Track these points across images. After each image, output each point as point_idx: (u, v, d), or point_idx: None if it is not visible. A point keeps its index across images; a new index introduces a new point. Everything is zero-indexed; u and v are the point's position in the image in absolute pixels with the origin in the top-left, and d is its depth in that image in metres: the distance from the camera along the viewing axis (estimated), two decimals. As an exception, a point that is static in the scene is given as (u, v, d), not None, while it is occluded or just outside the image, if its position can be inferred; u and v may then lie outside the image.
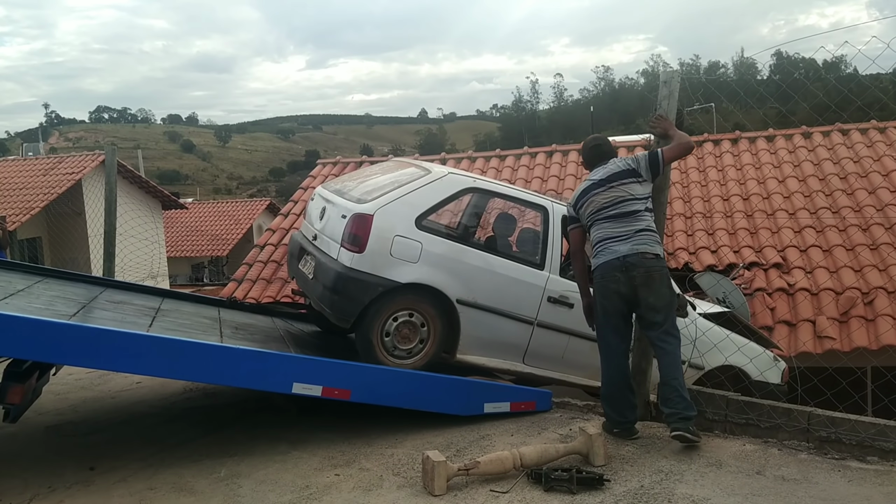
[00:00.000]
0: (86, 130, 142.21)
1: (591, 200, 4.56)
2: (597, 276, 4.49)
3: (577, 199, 4.66)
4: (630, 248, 4.34)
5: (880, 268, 8.29)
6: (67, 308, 4.82)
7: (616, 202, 4.47)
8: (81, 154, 21.80)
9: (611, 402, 4.54)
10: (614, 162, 4.63)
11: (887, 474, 3.81)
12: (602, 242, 4.48)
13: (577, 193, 4.69)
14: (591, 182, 4.62)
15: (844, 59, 33.36)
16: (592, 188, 4.58)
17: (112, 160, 8.40)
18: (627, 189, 4.46)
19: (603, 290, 4.46)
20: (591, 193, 4.57)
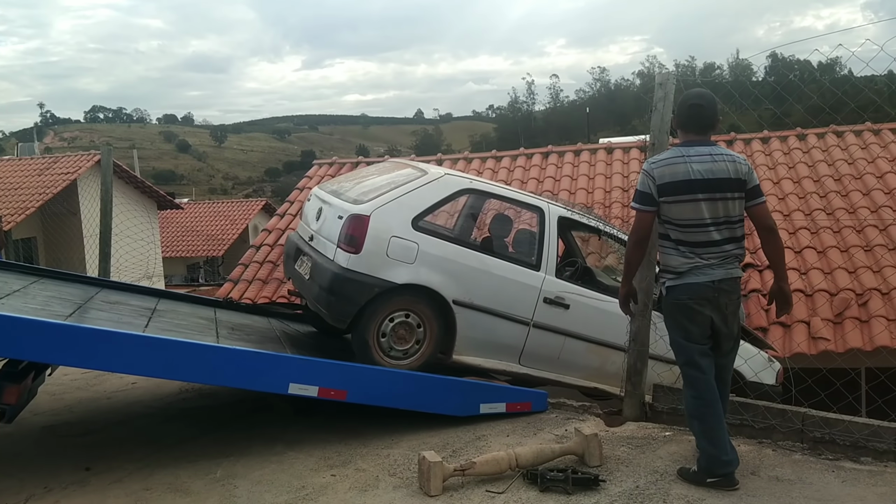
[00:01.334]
0: (81, 130, 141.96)
1: (690, 200, 3.72)
2: (681, 295, 3.81)
3: (666, 180, 3.73)
4: (724, 273, 3.76)
5: (874, 269, 8.32)
6: (63, 308, 4.81)
7: (722, 221, 3.75)
8: (76, 154, 21.76)
9: (712, 437, 3.77)
10: (724, 158, 3.74)
11: (881, 475, 3.83)
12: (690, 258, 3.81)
13: (667, 172, 3.73)
14: (692, 170, 3.70)
15: (839, 61, 33.33)
16: (696, 186, 3.69)
17: (108, 160, 8.39)
18: (736, 206, 3.76)
19: (689, 314, 3.79)
20: (691, 188, 3.70)
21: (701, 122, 3.78)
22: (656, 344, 5.13)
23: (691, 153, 3.73)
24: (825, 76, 34.31)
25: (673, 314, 3.89)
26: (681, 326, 3.84)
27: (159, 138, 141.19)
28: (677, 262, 3.79)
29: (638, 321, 4.84)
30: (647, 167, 3.80)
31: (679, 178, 3.70)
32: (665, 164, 3.75)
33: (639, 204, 3.81)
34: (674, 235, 3.79)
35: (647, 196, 3.77)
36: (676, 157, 3.75)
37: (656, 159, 3.81)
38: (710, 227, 3.71)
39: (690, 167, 3.69)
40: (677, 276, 3.80)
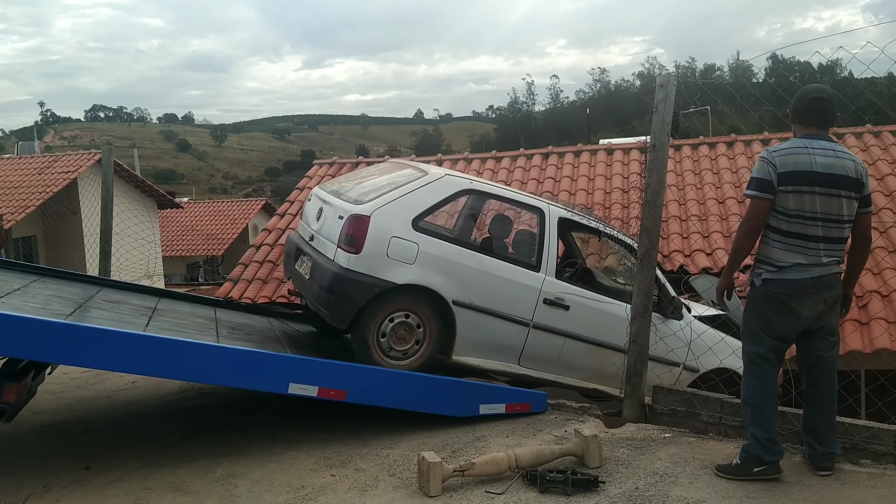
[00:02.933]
0: (81, 129, 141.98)
1: (808, 192, 3.63)
2: (777, 290, 3.75)
3: (789, 169, 3.65)
4: (824, 270, 3.71)
5: (874, 271, 8.31)
6: (64, 307, 4.82)
7: (834, 219, 3.69)
8: (77, 153, 21.75)
9: (765, 424, 3.81)
10: (846, 156, 3.72)
11: (880, 477, 3.84)
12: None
13: (790, 161, 3.65)
14: (815, 162, 3.63)
15: (839, 63, 33.39)
16: (816, 179, 3.61)
17: (109, 159, 8.40)
18: (850, 206, 3.72)
19: (779, 309, 3.75)
20: (812, 180, 3.62)
21: (823, 116, 3.76)
22: (656, 345, 5.15)
23: (814, 146, 3.69)
24: (825, 78, 34.27)
25: (760, 306, 3.83)
26: (764, 318, 3.80)
27: (159, 137, 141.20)
28: (780, 255, 3.73)
29: (638, 322, 4.83)
30: (767, 155, 3.72)
31: (802, 169, 3.64)
32: (788, 154, 3.69)
33: (756, 191, 3.71)
34: (783, 227, 3.71)
35: (767, 183, 3.67)
36: (800, 147, 3.70)
37: (777, 148, 3.74)
38: (821, 223, 3.67)
39: (814, 159, 3.64)
40: (777, 269, 3.74)
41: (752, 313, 3.87)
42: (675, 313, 5.73)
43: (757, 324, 3.83)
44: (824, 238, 3.69)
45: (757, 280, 3.83)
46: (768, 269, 3.78)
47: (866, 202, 3.78)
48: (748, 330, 3.91)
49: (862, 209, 3.77)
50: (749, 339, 3.90)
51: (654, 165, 4.81)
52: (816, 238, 3.68)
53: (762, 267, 3.82)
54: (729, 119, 15.32)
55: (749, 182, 3.76)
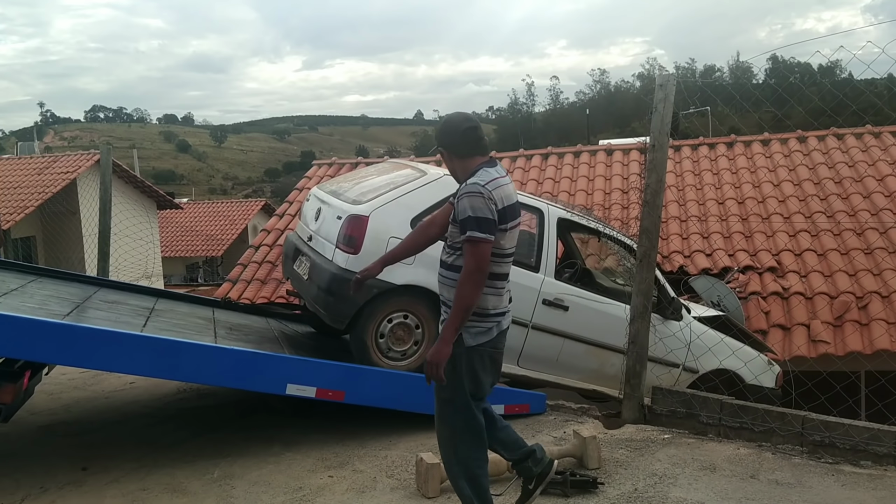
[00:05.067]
0: (81, 130, 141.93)
1: (515, 228, 3.18)
2: (499, 343, 3.23)
3: (507, 206, 3.07)
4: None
5: (874, 272, 8.30)
6: (61, 308, 4.80)
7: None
8: (76, 153, 21.71)
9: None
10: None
11: (881, 479, 3.82)
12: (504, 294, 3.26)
13: (506, 195, 3.08)
14: (515, 198, 3.18)
15: (840, 64, 33.50)
16: (516, 211, 3.17)
17: (107, 160, 8.38)
18: None
19: (485, 361, 3.19)
20: (517, 216, 3.18)
21: (484, 142, 3.27)
22: (655, 346, 5.13)
23: (503, 173, 3.19)
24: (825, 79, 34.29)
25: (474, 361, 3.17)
26: (475, 374, 3.18)
27: (159, 138, 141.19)
28: (496, 301, 3.19)
29: (637, 323, 4.82)
30: (483, 191, 2.99)
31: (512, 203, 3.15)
32: (498, 186, 3.06)
33: (486, 234, 2.97)
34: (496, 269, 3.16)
35: (492, 223, 3.00)
36: (502, 178, 3.12)
37: (486, 181, 3.03)
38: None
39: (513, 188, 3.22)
40: (501, 316, 3.24)
41: (468, 373, 3.14)
42: (675, 314, 5.72)
43: (470, 384, 3.15)
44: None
45: (469, 338, 3.10)
46: (493, 320, 3.17)
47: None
48: (460, 387, 3.15)
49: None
50: (468, 399, 3.17)
51: (653, 166, 4.80)
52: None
53: (479, 320, 3.12)
54: (729, 120, 15.32)
55: (471, 222, 2.96)
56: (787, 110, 6.19)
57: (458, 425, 3.19)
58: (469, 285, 2.97)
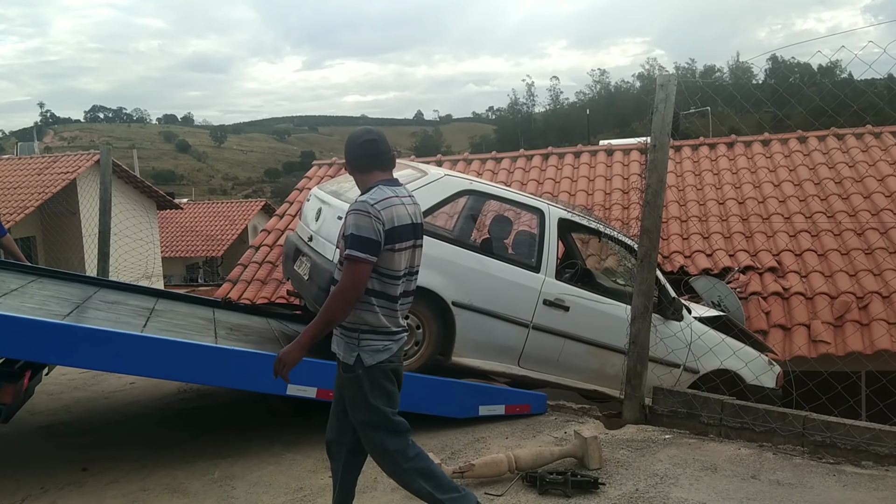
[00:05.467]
0: (81, 130, 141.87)
1: (414, 245, 3.14)
2: (386, 363, 3.13)
3: (397, 227, 2.99)
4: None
5: (875, 272, 8.29)
6: (61, 308, 4.79)
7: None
8: (76, 153, 21.69)
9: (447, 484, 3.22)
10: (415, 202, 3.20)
11: (882, 479, 3.81)
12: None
13: (398, 215, 2.99)
14: (410, 216, 3.08)
15: (839, 64, 33.59)
16: (409, 233, 3.08)
17: (107, 160, 8.38)
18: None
19: (391, 377, 3.21)
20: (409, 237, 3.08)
21: (386, 157, 3.16)
22: (656, 347, 5.12)
23: (400, 193, 3.11)
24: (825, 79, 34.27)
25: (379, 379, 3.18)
26: (385, 390, 3.18)
27: (159, 138, 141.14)
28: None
29: (638, 323, 4.81)
30: (370, 209, 2.93)
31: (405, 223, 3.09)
32: (388, 206, 3.00)
33: (367, 253, 2.92)
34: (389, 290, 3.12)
35: (376, 244, 2.94)
36: (392, 197, 3.04)
37: (374, 200, 2.97)
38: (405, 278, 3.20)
39: (407, 209, 3.11)
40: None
41: (379, 391, 3.12)
42: (676, 314, 5.71)
43: (383, 398, 3.14)
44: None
45: (368, 357, 3.06)
46: (392, 338, 3.13)
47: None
48: (373, 408, 3.11)
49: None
50: (378, 419, 3.13)
51: (654, 166, 4.79)
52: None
53: (377, 338, 3.08)
54: (728, 120, 15.31)
55: (353, 241, 2.91)
56: (787, 110, 6.18)
57: (385, 442, 3.13)
58: (339, 302, 2.93)
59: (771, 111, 6.06)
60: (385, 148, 3.14)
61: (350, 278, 2.91)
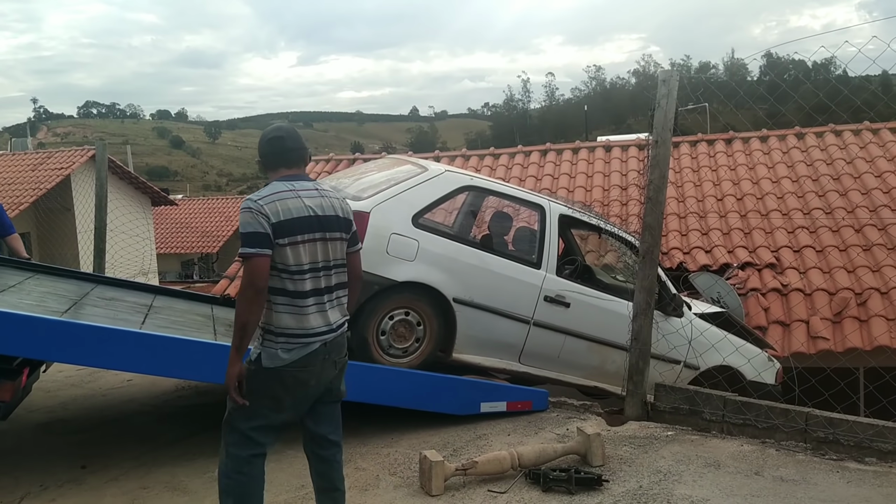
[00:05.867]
0: (74, 125, 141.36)
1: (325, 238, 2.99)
2: (289, 368, 2.92)
3: (286, 220, 2.88)
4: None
5: (873, 269, 8.30)
6: (59, 305, 4.75)
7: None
8: (70, 149, 21.58)
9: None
10: (330, 195, 3.09)
11: (886, 475, 3.80)
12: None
13: (289, 208, 2.89)
14: (307, 208, 2.95)
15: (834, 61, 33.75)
16: (305, 226, 2.93)
17: (103, 156, 8.32)
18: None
19: (288, 381, 2.97)
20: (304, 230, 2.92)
21: (291, 155, 3.08)
22: (658, 343, 5.11)
23: (298, 187, 3.02)
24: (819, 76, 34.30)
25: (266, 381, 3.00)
26: (272, 396, 2.97)
27: (153, 134, 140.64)
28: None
29: (640, 320, 4.80)
30: (252, 204, 2.88)
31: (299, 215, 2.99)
32: (276, 199, 2.92)
33: (254, 248, 2.84)
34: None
35: (264, 237, 2.86)
36: (286, 190, 2.97)
37: (260, 195, 2.93)
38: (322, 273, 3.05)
39: (303, 202, 3.01)
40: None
41: (260, 390, 2.93)
42: (676, 311, 5.70)
43: (268, 401, 2.94)
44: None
45: (267, 359, 2.93)
46: (295, 341, 2.94)
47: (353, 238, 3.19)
48: (244, 408, 2.92)
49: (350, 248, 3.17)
50: (245, 414, 2.93)
51: (656, 162, 4.77)
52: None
53: (276, 339, 2.94)
54: (725, 116, 15.30)
55: (242, 238, 2.87)
56: (788, 106, 6.17)
57: (230, 444, 2.96)
58: (242, 302, 2.86)
59: (767, 108, 6.05)
60: (293, 145, 3.07)
61: (245, 276, 2.86)
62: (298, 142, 3.10)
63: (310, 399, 3.04)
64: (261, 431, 2.96)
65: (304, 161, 3.13)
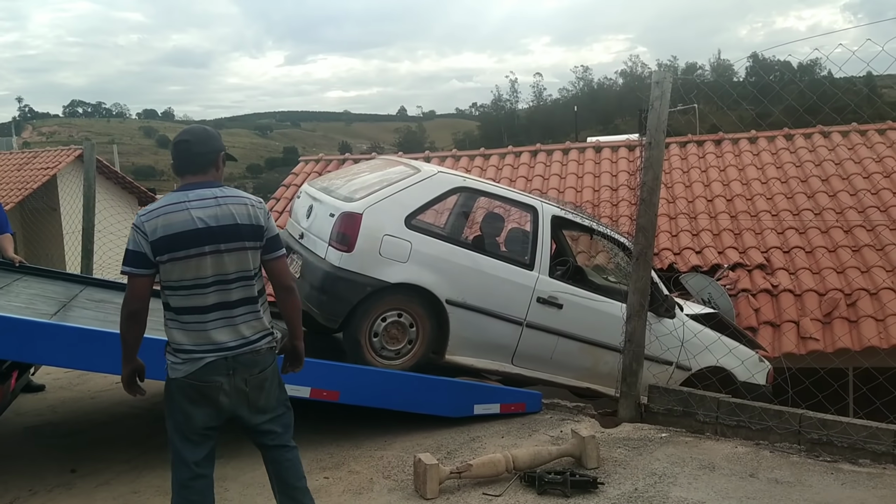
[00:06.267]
0: (60, 125, 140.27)
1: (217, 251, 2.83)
2: (187, 379, 2.86)
3: (167, 236, 2.77)
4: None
5: (862, 269, 8.34)
6: (48, 307, 4.70)
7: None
8: (56, 149, 21.41)
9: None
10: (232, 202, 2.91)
11: (880, 477, 3.82)
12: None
13: (171, 223, 2.78)
14: (196, 220, 2.80)
15: (819, 63, 34.03)
16: (189, 240, 2.79)
17: (91, 156, 8.25)
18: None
19: (193, 397, 2.89)
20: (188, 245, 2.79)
21: (192, 161, 2.94)
22: (651, 345, 5.11)
23: (192, 197, 2.88)
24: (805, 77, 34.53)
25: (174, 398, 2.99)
26: (181, 411, 2.95)
27: (139, 133, 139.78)
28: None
29: (634, 321, 4.80)
30: (136, 220, 2.82)
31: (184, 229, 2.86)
32: (160, 215, 2.83)
33: (129, 267, 2.81)
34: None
35: (141, 256, 2.80)
36: (174, 203, 2.86)
37: (146, 210, 2.85)
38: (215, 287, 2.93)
39: (192, 213, 2.87)
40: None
41: (170, 402, 2.93)
42: (668, 312, 5.70)
43: (177, 412, 2.90)
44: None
45: (169, 370, 2.92)
46: (184, 356, 2.87)
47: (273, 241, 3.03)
48: (168, 420, 2.95)
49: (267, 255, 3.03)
50: (170, 427, 2.93)
51: (650, 163, 4.78)
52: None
53: (170, 353, 2.92)
54: (710, 117, 15.37)
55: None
56: (765, 108, 6.18)
57: (173, 464, 2.93)
58: (120, 316, 2.85)
59: (754, 108, 6.06)
60: (201, 149, 2.91)
61: (126, 292, 2.84)
62: (208, 145, 2.95)
63: (223, 416, 2.90)
64: (187, 446, 2.88)
65: (216, 166, 2.97)
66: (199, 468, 2.90)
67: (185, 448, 2.88)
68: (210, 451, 2.96)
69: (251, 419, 2.96)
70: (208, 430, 2.90)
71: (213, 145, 2.97)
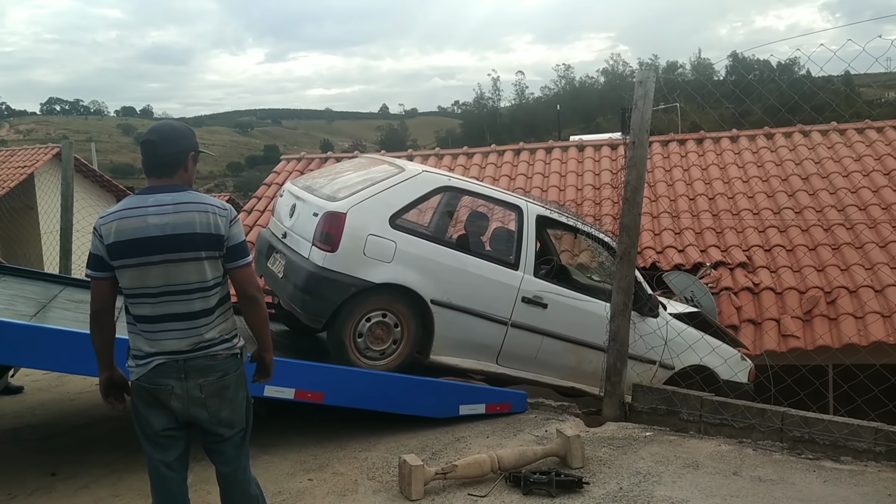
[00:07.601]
0: (37, 122, 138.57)
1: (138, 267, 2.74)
2: (140, 381, 2.83)
3: (120, 241, 2.71)
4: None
5: (842, 267, 8.42)
6: (27, 308, 4.64)
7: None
8: (33, 147, 21.15)
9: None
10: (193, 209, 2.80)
11: (862, 474, 3.85)
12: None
13: (125, 229, 2.71)
14: (150, 227, 2.72)
15: (798, 62, 34.36)
16: (141, 248, 2.71)
17: (69, 154, 8.15)
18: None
19: (149, 400, 2.86)
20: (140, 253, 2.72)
21: (156, 161, 2.85)
22: (635, 344, 5.12)
23: (150, 202, 2.79)
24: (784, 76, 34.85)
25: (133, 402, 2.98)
26: (139, 416, 2.95)
27: (117, 131, 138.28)
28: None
29: (618, 320, 4.81)
30: (96, 223, 2.79)
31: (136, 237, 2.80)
32: (116, 219, 2.76)
33: (89, 270, 2.84)
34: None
35: (98, 259, 2.79)
36: (131, 208, 2.78)
37: (105, 213, 2.81)
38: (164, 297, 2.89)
39: (148, 220, 2.79)
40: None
41: (133, 404, 2.90)
42: (652, 311, 5.72)
43: (136, 415, 2.87)
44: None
45: (129, 373, 2.91)
46: (136, 360, 2.87)
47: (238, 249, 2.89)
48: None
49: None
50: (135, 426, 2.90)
51: (633, 163, 4.78)
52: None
53: (129, 356, 2.93)
54: (691, 116, 15.47)
55: None
56: (747, 107, 6.24)
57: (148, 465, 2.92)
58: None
59: (734, 107, 6.10)
60: (167, 150, 2.81)
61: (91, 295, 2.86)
62: (176, 145, 2.84)
63: (181, 419, 2.84)
64: (154, 448, 2.85)
65: (184, 167, 2.89)
66: (170, 470, 2.87)
67: (153, 450, 2.86)
68: (181, 453, 2.91)
69: (213, 429, 2.92)
70: (170, 432, 2.85)
71: (180, 145, 2.87)
